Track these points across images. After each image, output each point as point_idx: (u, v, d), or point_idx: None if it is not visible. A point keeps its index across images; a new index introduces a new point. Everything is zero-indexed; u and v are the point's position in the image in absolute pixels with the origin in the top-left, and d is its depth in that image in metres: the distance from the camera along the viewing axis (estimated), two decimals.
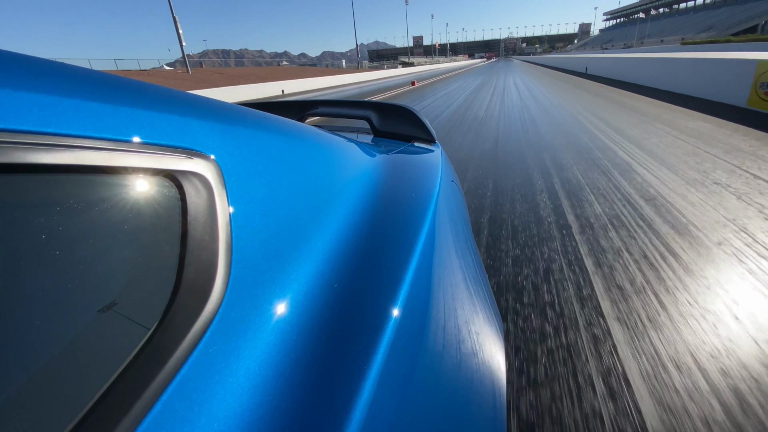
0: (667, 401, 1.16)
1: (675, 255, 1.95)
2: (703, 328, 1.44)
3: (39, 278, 0.26)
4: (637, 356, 1.33)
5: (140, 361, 0.29)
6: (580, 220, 2.43)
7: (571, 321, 1.53)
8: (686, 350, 1.34)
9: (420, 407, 0.43)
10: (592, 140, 4.51)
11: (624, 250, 2.03)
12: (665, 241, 2.10)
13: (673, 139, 4.27)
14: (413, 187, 0.75)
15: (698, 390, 1.18)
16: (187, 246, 0.34)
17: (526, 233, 2.30)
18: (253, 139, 0.47)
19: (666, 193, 2.78)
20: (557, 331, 1.47)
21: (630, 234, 2.21)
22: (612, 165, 3.53)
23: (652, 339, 1.40)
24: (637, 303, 1.61)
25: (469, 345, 0.58)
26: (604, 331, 1.46)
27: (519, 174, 3.45)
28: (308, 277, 0.44)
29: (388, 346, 0.41)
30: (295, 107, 1.29)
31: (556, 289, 1.74)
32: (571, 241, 2.18)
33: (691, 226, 2.25)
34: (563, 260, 1.98)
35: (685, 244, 2.06)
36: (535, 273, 1.88)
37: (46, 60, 0.31)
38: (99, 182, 0.30)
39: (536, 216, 2.55)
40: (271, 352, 0.36)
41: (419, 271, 0.53)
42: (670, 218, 2.37)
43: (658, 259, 1.92)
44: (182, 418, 0.29)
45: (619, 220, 2.40)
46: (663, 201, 2.64)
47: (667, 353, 1.33)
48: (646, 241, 2.12)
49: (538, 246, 2.15)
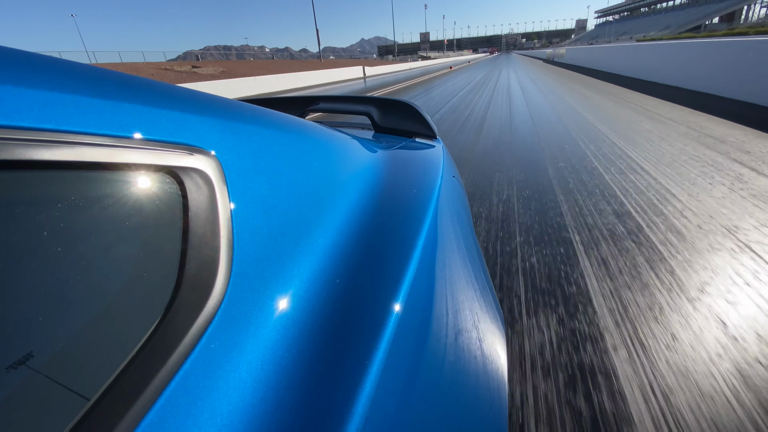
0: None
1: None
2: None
3: (40, 275, 0.26)
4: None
5: (143, 357, 0.29)
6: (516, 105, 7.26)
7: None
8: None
9: (421, 402, 0.43)
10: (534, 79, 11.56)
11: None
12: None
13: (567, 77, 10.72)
14: (414, 182, 0.75)
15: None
16: (189, 242, 0.34)
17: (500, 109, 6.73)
18: (253, 134, 0.47)
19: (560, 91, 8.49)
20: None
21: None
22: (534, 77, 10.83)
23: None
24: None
25: (470, 340, 0.58)
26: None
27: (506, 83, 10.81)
28: (310, 273, 0.44)
29: (389, 341, 0.41)
30: (295, 103, 1.29)
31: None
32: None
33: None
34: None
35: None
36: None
37: (45, 56, 0.31)
38: (100, 179, 0.30)
39: (503, 100, 7.51)
40: (273, 348, 0.36)
41: (421, 266, 0.53)
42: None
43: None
44: (185, 413, 0.29)
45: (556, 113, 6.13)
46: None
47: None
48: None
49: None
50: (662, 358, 1.26)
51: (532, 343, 1.36)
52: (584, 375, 1.22)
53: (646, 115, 5.13)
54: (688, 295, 1.56)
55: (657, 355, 1.27)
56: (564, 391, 1.16)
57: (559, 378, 1.21)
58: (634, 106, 5.89)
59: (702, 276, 1.67)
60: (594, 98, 7.10)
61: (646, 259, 1.82)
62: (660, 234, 2.05)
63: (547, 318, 1.48)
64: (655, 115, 5.06)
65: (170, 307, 0.32)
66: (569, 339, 1.37)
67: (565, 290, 1.65)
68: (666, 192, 2.59)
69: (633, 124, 4.66)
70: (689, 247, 1.90)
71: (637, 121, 4.81)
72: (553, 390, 1.17)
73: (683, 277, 1.68)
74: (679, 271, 1.72)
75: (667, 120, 4.74)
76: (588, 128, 4.66)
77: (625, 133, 4.29)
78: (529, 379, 1.21)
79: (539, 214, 2.40)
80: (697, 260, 1.79)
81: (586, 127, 4.74)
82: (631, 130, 4.40)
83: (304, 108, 1.26)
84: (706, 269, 1.72)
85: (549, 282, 1.71)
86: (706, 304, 1.50)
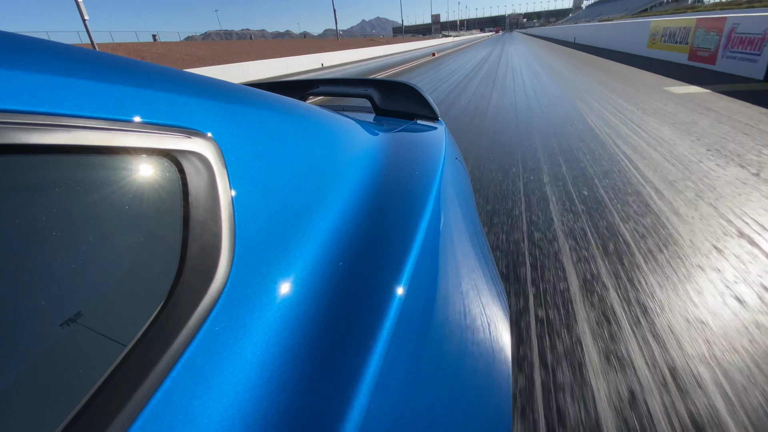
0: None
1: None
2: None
3: (40, 261, 0.26)
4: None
5: (148, 339, 0.29)
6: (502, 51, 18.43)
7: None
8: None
9: (425, 379, 0.43)
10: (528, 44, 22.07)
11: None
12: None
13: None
14: (417, 165, 0.74)
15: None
16: (190, 226, 0.34)
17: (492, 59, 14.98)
18: (252, 118, 0.46)
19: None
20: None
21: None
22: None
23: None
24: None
25: (473, 323, 0.59)
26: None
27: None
28: (312, 256, 0.44)
29: (393, 322, 0.42)
30: (294, 87, 1.27)
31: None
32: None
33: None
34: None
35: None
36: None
37: (38, 39, 0.30)
38: (98, 163, 0.30)
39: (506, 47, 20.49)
40: (278, 329, 0.37)
41: (424, 248, 0.53)
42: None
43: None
44: (192, 393, 0.29)
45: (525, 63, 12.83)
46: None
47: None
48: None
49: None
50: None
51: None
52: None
53: (572, 55, 12.13)
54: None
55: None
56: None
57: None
58: (570, 52, 13.25)
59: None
60: (549, 47, 15.64)
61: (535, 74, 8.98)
62: (544, 75, 8.48)
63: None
64: (578, 54, 12.33)
65: (173, 290, 0.32)
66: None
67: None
68: (559, 69, 9.30)
69: (559, 57, 10.49)
70: (557, 74, 8.50)
71: (562, 56, 10.30)
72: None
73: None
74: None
75: (583, 58, 11.42)
76: (537, 54, 13.33)
77: (554, 61, 10.74)
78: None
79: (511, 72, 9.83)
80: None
81: (537, 52, 13.69)
82: (557, 60, 10.77)
83: (304, 92, 1.24)
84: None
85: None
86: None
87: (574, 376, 1.17)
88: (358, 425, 0.33)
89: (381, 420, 0.36)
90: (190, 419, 0.28)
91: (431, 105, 1.13)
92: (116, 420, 0.25)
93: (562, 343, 1.29)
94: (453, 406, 0.47)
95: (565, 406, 1.08)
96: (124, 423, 0.25)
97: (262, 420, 0.31)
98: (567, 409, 1.07)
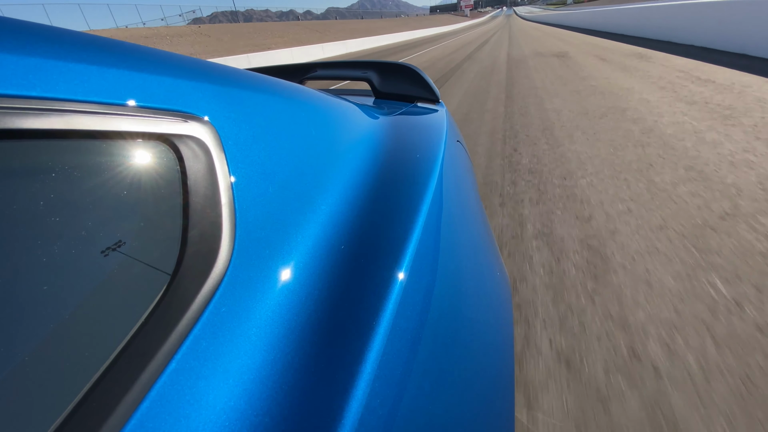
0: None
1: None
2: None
3: (37, 249, 0.26)
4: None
5: (151, 324, 0.30)
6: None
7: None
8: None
9: (428, 358, 0.44)
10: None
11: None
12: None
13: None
14: (418, 148, 0.73)
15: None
16: (190, 210, 0.34)
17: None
18: (249, 101, 0.45)
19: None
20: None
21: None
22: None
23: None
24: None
25: (475, 308, 0.59)
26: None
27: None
28: (314, 240, 0.44)
29: (396, 304, 0.42)
30: (293, 71, 1.25)
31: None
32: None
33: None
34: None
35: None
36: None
37: (29, 22, 0.30)
38: (93, 148, 0.30)
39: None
40: (281, 312, 0.37)
41: (426, 232, 0.53)
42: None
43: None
44: (198, 375, 0.30)
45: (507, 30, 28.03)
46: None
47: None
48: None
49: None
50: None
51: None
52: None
53: (539, 29, 23.30)
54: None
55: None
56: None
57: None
58: (538, 26, 27.58)
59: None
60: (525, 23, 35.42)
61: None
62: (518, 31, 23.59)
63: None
64: (541, 28, 25.27)
65: (176, 275, 0.32)
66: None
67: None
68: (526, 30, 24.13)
69: (530, 30, 21.21)
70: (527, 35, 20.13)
71: (533, 30, 21.54)
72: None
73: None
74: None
75: (547, 30, 22.27)
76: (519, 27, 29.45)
77: (526, 33, 21.04)
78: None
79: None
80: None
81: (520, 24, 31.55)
82: (527, 32, 21.48)
83: (302, 76, 1.22)
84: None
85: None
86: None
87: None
88: (363, 403, 0.34)
89: (386, 396, 0.36)
90: (196, 399, 0.29)
91: (432, 87, 1.10)
92: (124, 400, 0.26)
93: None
94: (455, 386, 0.48)
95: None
96: (132, 403, 0.26)
97: (268, 399, 0.32)
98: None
